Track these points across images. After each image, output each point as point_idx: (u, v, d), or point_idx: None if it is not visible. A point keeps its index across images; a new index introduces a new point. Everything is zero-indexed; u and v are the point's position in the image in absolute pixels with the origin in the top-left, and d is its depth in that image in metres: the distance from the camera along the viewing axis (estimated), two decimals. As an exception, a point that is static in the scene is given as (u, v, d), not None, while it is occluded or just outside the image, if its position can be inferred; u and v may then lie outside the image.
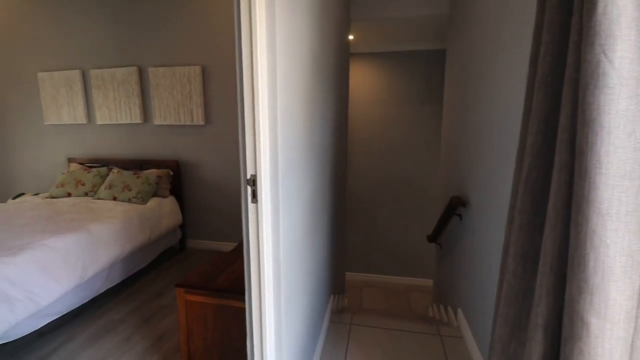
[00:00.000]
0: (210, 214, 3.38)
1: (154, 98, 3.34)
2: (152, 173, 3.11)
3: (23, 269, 1.76)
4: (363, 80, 4.25)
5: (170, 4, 3.16)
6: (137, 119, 3.42)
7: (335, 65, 2.17)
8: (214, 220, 3.38)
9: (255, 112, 0.95)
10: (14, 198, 3.72)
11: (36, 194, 3.71)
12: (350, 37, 3.43)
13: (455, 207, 2.01)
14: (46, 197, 3.12)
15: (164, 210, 2.99)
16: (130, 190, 2.94)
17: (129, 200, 2.88)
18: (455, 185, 2.29)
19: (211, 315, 1.39)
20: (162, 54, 3.28)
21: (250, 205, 1.01)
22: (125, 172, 3.10)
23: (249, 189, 1.01)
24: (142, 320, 2.15)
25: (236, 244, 3.27)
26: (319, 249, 1.74)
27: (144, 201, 2.88)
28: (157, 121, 3.36)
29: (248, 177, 1.00)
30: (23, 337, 1.89)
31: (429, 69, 4.05)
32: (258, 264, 1.04)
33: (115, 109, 3.49)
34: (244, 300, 1.19)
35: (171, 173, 3.24)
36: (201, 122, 3.24)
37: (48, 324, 1.97)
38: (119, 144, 3.54)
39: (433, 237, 2.70)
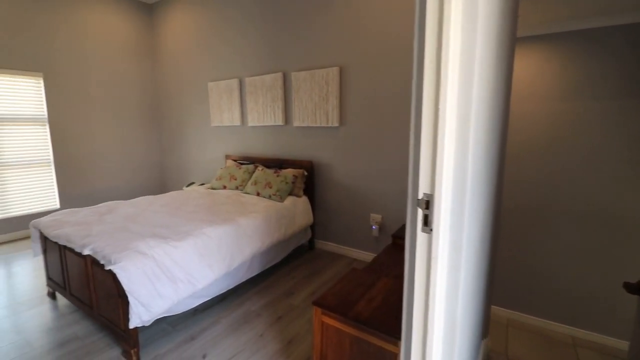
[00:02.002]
0: (339, 216, 3.32)
1: (294, 101, 3.49)
2: (289, 172, 3.26)
3: (186, 254, 2.01)
4: (522, 69, 3.42)
5: (310, 8, 3.22)
6: (280, 121, 3.66)
7: (509, 50, 1.69)
8: (342, 223, 3.31)
9: (440, 110, 0.68)
10: (187, 186, 4.57)
11: (202, 184, 4.46)
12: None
13: None
14: (208, 188, 3.67)
15: (298, 209, 3.07)
16: (270, 187, 3.14)
17: (270, 197, 3.08)
18: None
19: (348, 346, 1.22)
20: (303, 58, 3.39)
21: (420, 235, 0.75)
22: (268, 170, 3.34)
23: (420, 212, 0.75)
24: (274, 318, 2.20)
25: (362, 252, 3.20)
26: (483, 283, 1.35)
27: (281, 199, 3.03)
28: (296, 123, 3.50)
29: (420, 196, 0.74)
30: (181, 313, 2.18)
31: (629, 51, 2.91)
32: (425, 312, 0.77)
33: (263, 112, 3.83)
34: (388, 339, 0.95)
35: (306, 173, 3.33)
36: (336, 124, 3.20)
37: (200, 304, 2.23)
38: (264, 144, 3.88)
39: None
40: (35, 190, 4.10)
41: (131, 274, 1.72)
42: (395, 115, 2.82)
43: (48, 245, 2.39)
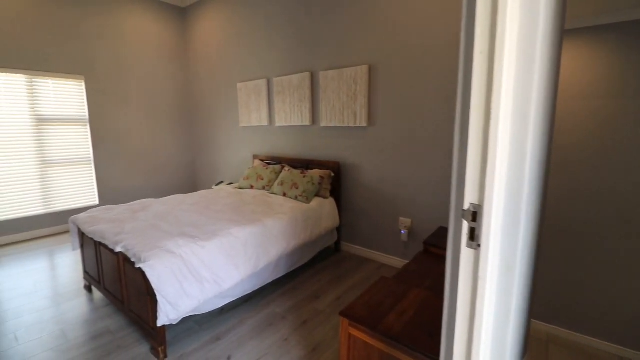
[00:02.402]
0: (367, 219, 3.22)
1: (322, 101, 3.44)
2: (315, 173, 3.21)
3: (213, 254, 2.01)
4: (569, 65, 3.14)
5: (339, 6, 3.14)
6: (307, 121, 3.62)
7: (560, 40, 1.53)
8: (369, 226, 3.21)
9: (493, 107, 0.59)
10: (216, 185, 4.66)
11: (230, 183, 4.52)
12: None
13: None
14: (236, 187, 3.71)
15: (324, 211, 3.01)
16: (297, 188, 3.11)
17: (296, 198, 3.04)
18: None
19: (377, 361, 1.14)
20: (331, 57, 3.33)
21: (465, 251, 0.66)
22: (294, 171, 3.31)
23: (465, 225, 0.66)
24: (299, 322, 2.16)
25: (391, 257, 3.03)
26: (526, 297, 1.22)
27: (308, 200, 2.98)
28: (324, 123, 3.44)
29: (465, 206, 0.65)
30: (207, 312, 2.19)
31: None
32: (468, 339, 0.68)
33: (290, 112, 3.81)
34: (421, 359, 0.86)
35: (332, 174, 3.26)
36: (364, 124, 3.10)
37: (226, 304, 2.23)
38: (291, 144, 3.86)
39: None
40: (77, 187, 4.34)
41: (160, 273, 1.74)
42: (427, 116, 2.69)
43: (85, 240, 2.49)
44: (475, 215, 0.64)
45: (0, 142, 3.68)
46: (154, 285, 1.72)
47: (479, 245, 0.64)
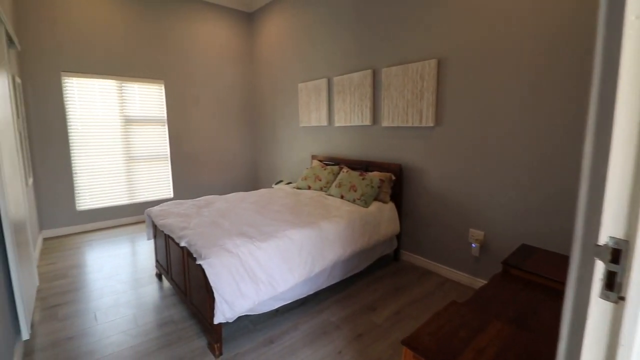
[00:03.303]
0: (430, 228, 2.96)
1: (384, 99, 3.25)
2: (375, 175, 3.04)
3: (269, 255, 1.98)
4: None
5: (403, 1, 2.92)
6: (367, 121, 3.47)
7: None
8: (433, 236, 2.94)
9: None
10: (275, 183, 4.75)
11: (289, 183, 4.57)
12: None
13: None
14: (294, 187, 3.71)
15: (384, 216, 2.83)
16: (355, 191, 2.98)
17: (354, 201, 2.92)
18: None
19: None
20: (395, 52, 3.12)
21: (597, 303, 0.47)
22: (353, 172, 3.19)
23: (599, 266, 0.47)
24: (354, 334, 2.03)
25: (457, 271, 2.67)
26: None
27: (366, 204, 2.84)
28: (385, 123, 3.25)
29: (601, 241, 0.46)
30: (261, 314, 2.19)
31: None
32: None
33: (350, 112, 3.69)
34: None
35: (393, 177, 3.06)
36: (430, 124, 2.85)
37: (280, 307, 2.20)
38: (349, 144, 3.74)
39: None
40: (155, 181, 4.78)
41: (218, 271, 1.76)
42: (505, 116, 2.34)
43: (157, 231, 2.69)
44: (618, 255, 0.45)
45: (95, 139, 4.21)
46: (212, 283, 1.74)
47: (621, 298, 0.45)
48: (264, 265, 1.94)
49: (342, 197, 3.06)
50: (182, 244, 2.02)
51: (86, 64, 4.02)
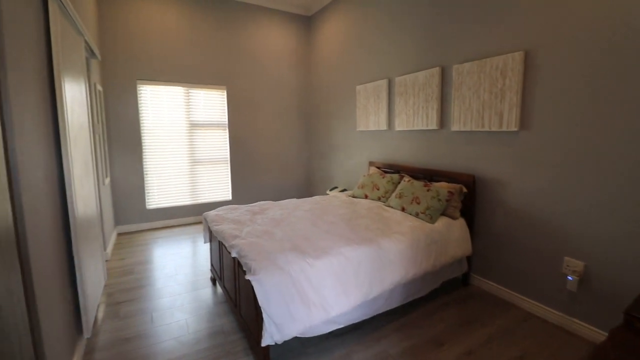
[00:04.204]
0: (510, 251, 2.51)
1: (454, 100, 2.88)
2: (443, 187, 2.69)
3: (322, 274, 1.80)
4: None
5: (495, -20, 2.52)
6: (433, 125, 3.12)
7: None
8: (513, 261, 2.49)
9: None
10: (330, 190, 4.59)
11: (344, 190, 4.37)
12: None
13: None
14: (349, 195, 3.50)
15: (453, 235, 2.48)
16: (419, 203, 2.66)
17: (417, 215, 2.61)
18: None
19: None
20: (469, 46, 2.74)
21: None
22: (416, 182, 2.87)
23: None
24: (416, 374, 1.75)
25: (545, 307, 2.13)
26: None
27: (432, 219, 2.51)
28: (455, 127, 2.88)
29: None
30: (311, 337, 2.00)
31: None
32: None
33: (413, 115, 3.37)
34: None
35: (464, 190, 2.68)
36: (513, 128, 2.42)
37: (332, 331, 2.00)
38: (411, 151, 3.42)
39: None
40: (216, 184, 4.95)
41: (267, 290, 1.63)
42: (627, 114, 1.84)
43: (212, 235, 2.68)
44: None
45: (164, 142, 4.48)
46: (260, 302, 1.61)
47: None
48: (317, 286, 1.76)
49: (403, 209, 2.76)
50: (233, 254, 1.94)
51: (158, 72, 4.30)
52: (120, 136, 4.16)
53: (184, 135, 4.61)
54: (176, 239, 4.05)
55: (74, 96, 2.05)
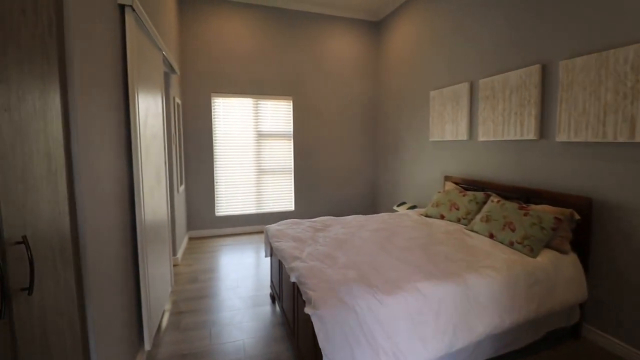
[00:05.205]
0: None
1: (561, 103, 2.34)
2: (547, 211, 2.16)
3: (393, 315, 1.50)
4: None
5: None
6: (530, 134, 2.59)
7: None
8: (653, 315, 1.86)
9: None
10: (397, 205, 4.21)
11: (413, 206, 3.96)
12: None
13: None
14: (422, 214, 3.11)
15: (562, 274, 1.95)
16: (513, 230, 2.18)
17: (511, 245, 2.13)
18: None
19: None
20: (581, 36, 2.19)
21: None
22: (508, 204, 2.38)
23: None
24: None
25: None
26: None
27: (532, 252, 2.01)
28: (562, 136, 2.33)
29: None
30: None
31: None
32: None
33: (502, 123, 2.86)
34: None
35: (577, 217, 2.12)
36: (653, 138, 1.83)
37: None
38: (499, 165, 2.90)
39: None
40: (279, 193, 4.94)
41: (328, 329, 1.39)
42: None
43: (273, 250, 2.56)
44: None
45: (233, 152, 4.61)
46: (320, 343, 1.38)
47: None
48: (387, 329, 1.47)
49: (491, 236, 2.30)
50: (292, 279, 1.75)
51: (230, 85, 4.46)
52: (195, 146, 4.39)
53: (252, 145, 4.69)
54: (240, 247, 4.08)
55: (149, 108, 2.11)
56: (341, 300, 1.47)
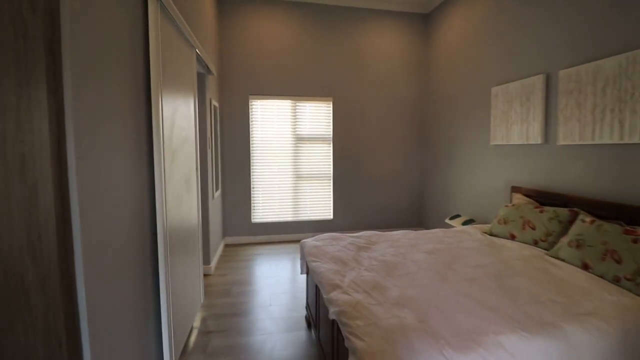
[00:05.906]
0: None
1: (685, 97, 1.78)
2: (670, 239, 1.62)
3: (469, 381, 1.11)
4: None
5: None
6: (635, 137, 2.03)
7: None
8: None
9: None
10: (450, 218, 3.72)
11: (470, 220, 3.46)
12: None
13: None
14: (485, 232, 2.63)
15: None
16: (618, 262, 1.66)
17: (617, 281, 1.62)
18: None
19: None
20: None
21: None
22: (608, 226, 1.85)
23: None
24: None
25: None
26: None
27: (654, 295, 1.50)
28: (688, 139, 1.76)
29: None
30: None
31: None
32: None
33: (593, 123, 2.31)
34: None
35: None
36: None
37: None
38: (589, 175, 2.34)
39: None
40: (317, 201, 4.66)
41: (379, 396, 1.04)
42: None
43: (309, 270, 2.26)
44: None
45: (270, 156, 4.42)
46: (369, 415, 1.04)
47: None
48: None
49: (585, 267, 1.79)
50: (331, 315, 1.43)
51: (268, 86, 4.28)
52: (232, 150, 4.26)
53: (289, 150, 4.47)
54: (276, 257, 3.85)
55: (177, 109, 1.92)
56: (398, 357, 1.11)
